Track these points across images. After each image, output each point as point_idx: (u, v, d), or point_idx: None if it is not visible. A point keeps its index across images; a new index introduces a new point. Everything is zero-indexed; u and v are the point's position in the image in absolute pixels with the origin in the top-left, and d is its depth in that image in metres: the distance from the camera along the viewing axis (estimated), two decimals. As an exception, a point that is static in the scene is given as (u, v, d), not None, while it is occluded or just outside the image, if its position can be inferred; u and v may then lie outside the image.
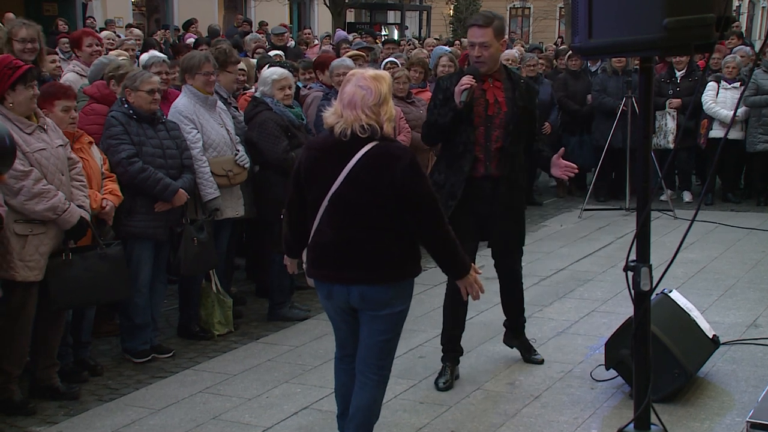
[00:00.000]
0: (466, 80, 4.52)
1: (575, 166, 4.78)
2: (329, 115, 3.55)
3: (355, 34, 15.48)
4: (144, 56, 6.85)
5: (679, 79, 9.89)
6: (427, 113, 4.88)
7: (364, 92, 3.46)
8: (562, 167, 4.73)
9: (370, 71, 3.60)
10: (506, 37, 4.85)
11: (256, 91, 6.21)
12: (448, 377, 4.81)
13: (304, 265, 3.74)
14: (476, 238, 4.84)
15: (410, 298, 3.68)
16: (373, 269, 3.53)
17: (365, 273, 3.53)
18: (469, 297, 3.80)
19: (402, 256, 3.58)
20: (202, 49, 7.41)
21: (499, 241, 4.94)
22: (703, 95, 9.62)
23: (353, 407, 3.74)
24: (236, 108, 6.14)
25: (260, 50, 10.20)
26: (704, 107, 9.63)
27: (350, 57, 7.60)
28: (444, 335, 4.94)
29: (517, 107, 4.67)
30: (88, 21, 16.47)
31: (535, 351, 5.19)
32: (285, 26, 14.96)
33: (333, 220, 3.54)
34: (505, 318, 5.22)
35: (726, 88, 9.56)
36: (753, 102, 9.46)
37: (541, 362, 5.12)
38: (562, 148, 4.87)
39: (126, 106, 5.11)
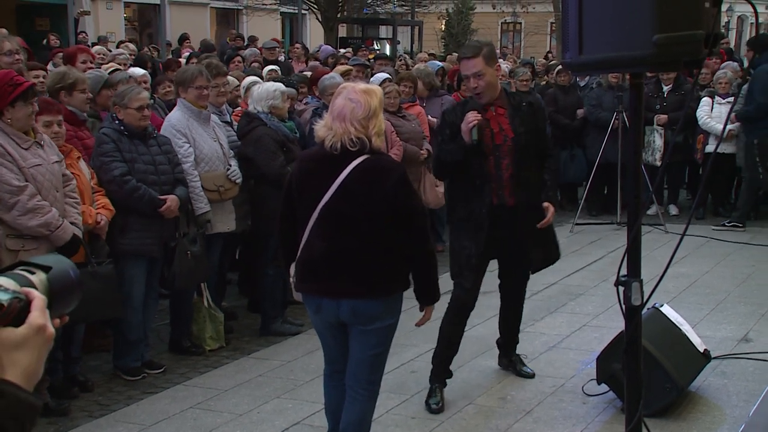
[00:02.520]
0: (472, 116, 4.43)
1: (547, 221, 4.67)
2: (320, 128, 3.56)
3: (349, 50, 15.52)
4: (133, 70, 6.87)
5: (666, 93, 9.95)
6: (435, 149, 4.81)
7: (353, 105, 3.47)
8: (542, 223, 4.64)
9: (361, 85, 3.62)
10: (499, 61, 4.76)
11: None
12: (439, 398, 4.75)
13: (292, 279, 3.73)
14: (488, 257, 4.78)
15: (399, 312, 3.68)
16: (363, 283, 3.53)
17: (355, 287, 3.53)
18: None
19: (392, 269, 3.58)
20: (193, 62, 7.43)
21: (515, 262, 4.86)
22: (698, 110, 9.67)
23: (343, 422, 3.74)
24: (230, 124, 6.11)
25: (256, 64, 10.23)
26: (700, 122, 9.68)
27: (340, 73, 7.62)
28: (438, 355, 4.87)
29: (519, 132, 4.59)
30: (80, 36, 16.45)
31: (525, 365, 5.19)
32: (277, 41, 14.97)
33: (323, 232, 3.55)
34: (499, 336, 5.22)
35: (720, 103, 9.62)
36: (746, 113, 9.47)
37: (532, 376, 5.11)
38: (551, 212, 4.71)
39: (117, 122, 5.11)
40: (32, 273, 1.34)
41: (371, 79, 8.55)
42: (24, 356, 1.28)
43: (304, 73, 9.02)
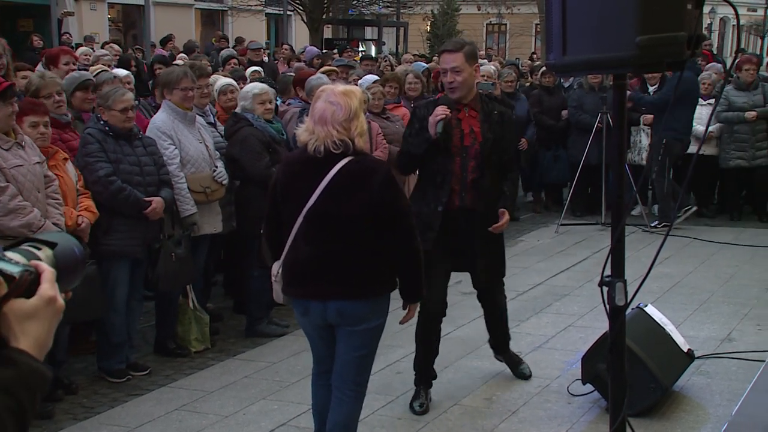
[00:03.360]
0: (441, 110, 4.44)
1: (500, 227, 4.63)
2: (302, 132, 3.56)
3: (335, 52, 15.52)
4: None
5: (652, 93, 10.00)
6: (403, 142, 4.79)
7: (334, 108, 3.47)
8: (495, 227, 4.61)
9: (341, 87, 3.62)
10: (479, 62, 4.76)
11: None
12: (423, 400, 4.76)
13: (274, 280, 3.74)
14: (449, 263, 4.74)
15: (386, 313, 3.69)
16: (349, 284, 3.54)
17: (342, 288, 3.53)
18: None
19: (378, 270, 3.59)
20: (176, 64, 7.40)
21: (480, 277, 4.86)
22: None
23: (330, 423, 3.74)
24: (214, 125, 6.09)
25: (233, 65, 10.19)
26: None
27: (324, 73, 7.62)
28: (418, 361, 4.88)
29: (488, 138, 4.58)
30: (64, 37, 16.36)
31: (522, 362, 5.19)
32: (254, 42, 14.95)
33: (309, 235, 3.55)
34: (489, 337, 5.22)
35: (702, 105, 9.68)
36: (725, 118, 9.59)
37: (529, 376, 5.11)
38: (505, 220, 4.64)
39: (102, 122, 5.08)
40: (38, 249, 1.38)
41: (360, 81, 8.58)
42: (35, 326, 1.32)
43: (289, 74, 9.01)
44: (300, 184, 3.55)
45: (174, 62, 9.46)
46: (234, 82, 6.75)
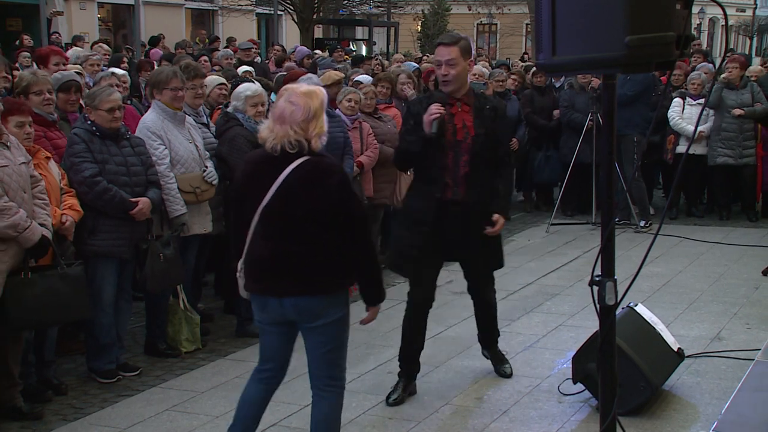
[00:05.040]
0: (435, 108, 4.48)
1: (494, 232, 4.69)
2: (263, 129, 3.61)
3: (326, 53, 15.51)
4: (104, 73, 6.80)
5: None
6: (399, 139, 4.83)
7: (293, 108, 3.50)
8: (489, 230, 4.68)
9: (303, 87, 3.64)
10: (473, 57, 4.81)
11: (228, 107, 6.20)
12: (399, 393, 4.78)
13: (238, 275, 3.76)
14: (442, 257, 4.82)
15: (346, 305, 3.69)
16: (304, 281, 3.58)
17: (297, 284, 3.58)
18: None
19: (334, 267, 3.61)
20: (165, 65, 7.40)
21: (472, 270, 4.93)
22: (669, 111, 9.77)
23: (312, 423, 3.76)
24: (207, 126, 6.08)
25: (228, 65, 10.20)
26: (671, 123, 9.78)
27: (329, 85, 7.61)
28: (402, 352, 4.91)
29: (479, 133, 4.63)
30: (53, 37, 16.30)
31: (506, 362, 5.21)
32: (253, 41, 14.93)
33: (265, 233, 3.60)
34: (478, 332, 5.24)
35: (691, 105, 9.72)
36: (711, 102, 9.56)
37: (510, 376, 5.13)
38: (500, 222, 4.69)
39: (89, 122, 5.06)
40: None
41: (357, 78, 8.57)
42: None
43: (280, 74, 9.01)
44: (257, 183, 3.59)
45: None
46: (225, 80, 6.81)
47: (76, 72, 6.59)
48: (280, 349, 3.80)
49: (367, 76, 8.86)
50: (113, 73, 6.75)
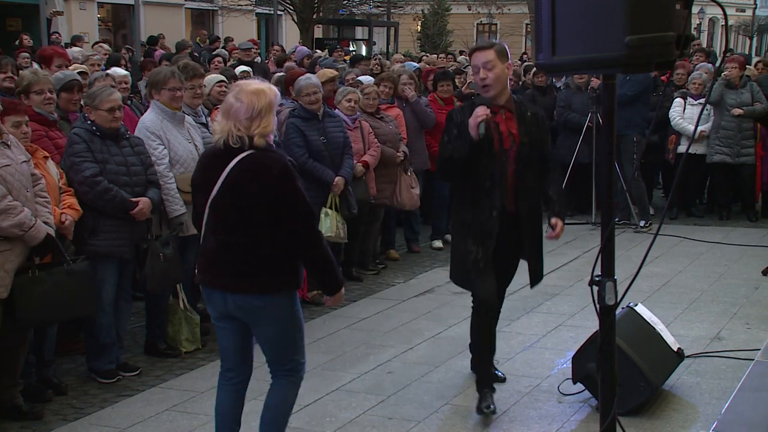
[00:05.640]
0: (482, 111, 4.33)
1: (556, 235, 4.65)
2: (215, 124, 3.67)
3: (326, 52, 15.51)
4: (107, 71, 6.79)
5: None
6: (440, 148, 4.65)
7: (238, 105, 3.54)
8: (551, 234, 4.63)
9: (254, 84, 3.65)
10: (510, 61, 4.63)
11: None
12: (490, 402, 4.60)
13: (197, 266, 3.81)
14: (495, 263, 4.64)
15: (291, 307, 3.69)
16: (247, 278, 3.59)
17: (240, 281, 3.60)
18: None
19: (278, 262, 3.61)
20: (166, 65, 7.40)
21: (506, 275, 4.83)
22: (671, 111, 9.77)
23: (264, 406, 3.83)
24: (206, 125, 6.07)
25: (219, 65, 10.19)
26: (672, 123, 9.78)
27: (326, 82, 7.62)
28: (478, 360, 4.77)
29: (525, 142, 4.50)
30: (53, 37, 16.29)
31: (496, 368, 5.18)
32: (253, 41, 14.92)
33: (213, 227, 3.65)
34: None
35: (692, 104, 9.72)
36: (713, 98, 9.56)
37: (503, 380, 5.09)
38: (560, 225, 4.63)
39: (89, 122, 5.06)
40: None
41: (360, 78, 8.56)
42: None
43: (280, 74, 9.00)
44: (207, 177, 3.64)
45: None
46: (224, 78, 6.86)
47: (81, 72, 6.61)
48: (236, 346, 3.81)
49: (367, 76, 8.86)
50: (108, 74, 6.73)
